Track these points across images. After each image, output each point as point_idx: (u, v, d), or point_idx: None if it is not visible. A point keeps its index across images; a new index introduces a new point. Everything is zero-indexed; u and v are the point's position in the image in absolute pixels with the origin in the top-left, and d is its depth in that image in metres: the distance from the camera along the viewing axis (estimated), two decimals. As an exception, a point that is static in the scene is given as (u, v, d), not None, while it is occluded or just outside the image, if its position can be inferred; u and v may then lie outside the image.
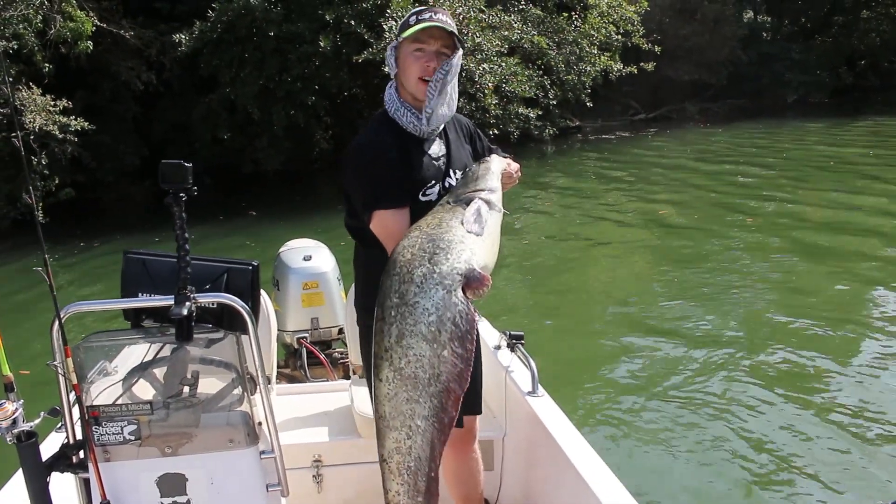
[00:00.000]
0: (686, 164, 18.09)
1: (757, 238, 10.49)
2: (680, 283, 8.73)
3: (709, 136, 22.88)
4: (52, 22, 13.07)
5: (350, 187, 2.50)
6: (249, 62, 15.28)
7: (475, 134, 2.72)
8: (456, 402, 2.03)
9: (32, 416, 2.18)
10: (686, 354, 6.50)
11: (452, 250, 2.07)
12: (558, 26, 19.21)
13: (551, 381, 3.39)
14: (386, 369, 2.05)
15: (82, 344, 2.24)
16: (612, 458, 4.54)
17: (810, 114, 26.10)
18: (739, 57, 29.01)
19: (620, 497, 2.45)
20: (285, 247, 4.75)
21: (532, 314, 7.89)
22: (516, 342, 3.38)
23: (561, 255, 10.47)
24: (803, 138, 21.07)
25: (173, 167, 2.24)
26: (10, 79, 12.54)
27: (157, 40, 15.41)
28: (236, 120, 16.02)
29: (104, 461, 2.24)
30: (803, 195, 13.23)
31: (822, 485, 4.44)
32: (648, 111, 27.39)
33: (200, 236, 12.27)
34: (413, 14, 2.45)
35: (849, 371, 5.97)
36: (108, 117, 14.24)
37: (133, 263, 2.34)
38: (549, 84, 18.45)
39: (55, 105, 13.20)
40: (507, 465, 3.31)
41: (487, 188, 2.31)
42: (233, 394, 2.34)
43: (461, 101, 16.86)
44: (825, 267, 8.98)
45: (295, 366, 4.50)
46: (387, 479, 2.17)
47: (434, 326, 2.00)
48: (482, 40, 16.33)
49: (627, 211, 13.04)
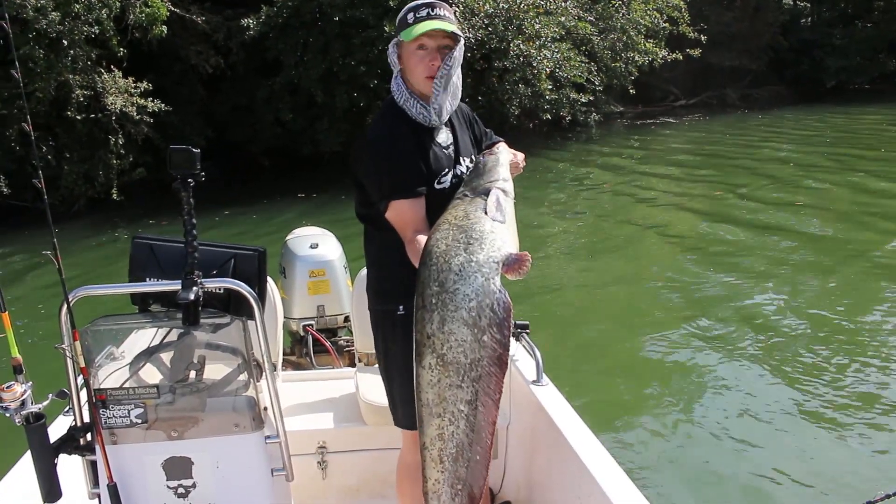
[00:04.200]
0: (731, 150, 17.31)
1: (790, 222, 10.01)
2: (693, 270, 8.33)
3: (762, 121, 22.06)
4: (131, 8, 13.10)
5: (365, 177, 2.37)
6: (314, 46, 15.14)
7: (474, 119, 2.61)
8: (498, 385, 1.95)
9: (41, 399, 2.08)
10: (694, 345, 6.19)
11: (486, 240, 2.00)
12: (606, 13, 18.71)
13: (556, 371, 3.22)
14: (428, 356, 1.95)
15: (90, 327, 2.13)
16: (615, 446, 4.39)
17: (852, 100, 25.04)
18: (780, 42, 28.00)
19: (623, 485, 2.34)
20: (292, 234, 4.58)
21: (538, 303, 7.49)
22: (521, 331, 3.23)
23: (575, 244, 9.98)
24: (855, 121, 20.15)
25: (181, 153, 2.11)
26: (88, 62, 12.76)
27: (224, 25, 15.36)
28: (298, 102, 15.89)
29: (111, 444, 2.14)
30: (852, 178, 12.64)
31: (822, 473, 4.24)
32: (688, 97, 26.62)
33: (271, 214, 12.34)
34: (410, 11, 2.28)
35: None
36: (176, 99, 14.24)
37: (141, 248, 2.23)
38: (596, 70, 18.00)
39: (136, 87, 13.28)
40: (511, 453, 3.17)
41: (501, 178, 2.23)
42: (239, 379, 2.23)
43: (519, 86, 16.67)
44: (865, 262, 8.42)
45: (301, 353, 4.34)
46: (427, 467, 2.03)
47: (475, 312, 1.92)
48: (541, 27, 16.00)
49: (652, 199, 12.52)
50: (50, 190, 12.88)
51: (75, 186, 13.05)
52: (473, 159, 2.43)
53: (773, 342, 6.11)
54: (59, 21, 11.83)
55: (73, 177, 12.95)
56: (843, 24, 29.75)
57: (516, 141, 11.93)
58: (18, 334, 2.06)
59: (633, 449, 4.59)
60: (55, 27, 11.81)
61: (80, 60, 12.49)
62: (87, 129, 12.99)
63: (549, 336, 6.10)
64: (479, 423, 1.97)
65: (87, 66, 12.74)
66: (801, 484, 4.14)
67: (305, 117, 16.02)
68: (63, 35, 12.02)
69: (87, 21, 12.31)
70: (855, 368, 5.53)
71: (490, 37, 15.67)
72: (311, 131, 16.20)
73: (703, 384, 5.45)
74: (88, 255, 10.50)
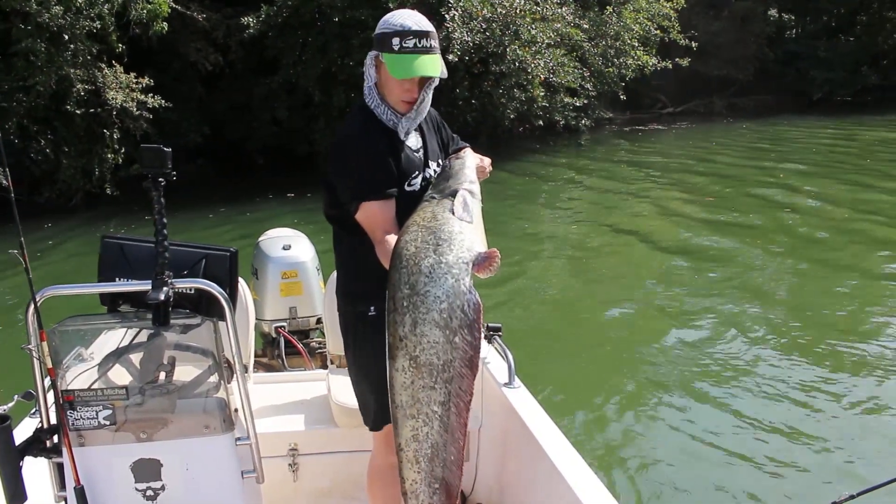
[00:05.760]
0: (716, 158, 17.21)
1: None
2: (668, 275, 8.25)
3: (749, 132, 22.01)
4: (133, 4, 12.94)
5: (336, 178, 2.30)
6: (312, 46, 14.97)
7: (441, 124, 2.55)
8: (469, 386, 1.94)
9: (6, 400, 2.00)
10: (669, 349, 6.13)
11: (455, 241, 1.99)
12: (600, 20, 18.62)
13: (528, 373, 3.16)
14: (401, 358, 1.93)
15: (57, 328, 2.05)
16: (587, 449, 4.34)
17: (834, 112, 25.03)
18: (766, 54, 27.97)
19: (594, 488, 2.29)
20: (264, 236, 4.46)
21: (510, 306, 7.35)
22: (494, 334, 3.16)
23: (550, 248, 9.81)
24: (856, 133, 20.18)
25: (152, 152, 2.05)
26: (89, 57, 12.60)
27: (224, 23, 15.20)
28: (295, 102, 15.73)
29: (78, 446, 2.06)
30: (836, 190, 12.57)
31: (789, 474, 4.20)
32: (676, 105, 26.51)
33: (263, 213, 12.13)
34: (396, 35, 2.17)
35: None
36: (174, 96, 14.03)
37: (111, 248, 2.15)
38: (587, 76, 17.91)
39: (138, 83, 13.13)
40: (482, 455, 3.09)
41: (468, 180, 2.20)
42: (209, 380, 2.16)
43: (514, 91, 16.50)
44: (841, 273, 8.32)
45: (272, 355, 4.22)
46: (404, 468, 2.00)
47: (446, 314, 1.91)
48: (537, 32, 15.89)
49: (634, 207, 12.33)
50: (48, 184, 12.82)
51: (73, 180, 12.88)
52: (440, 163, 2.39)
53: (747, 348, 6.05)
54: (61, 15, 11.68)
55: (70, 171, 12.76)
56: (826, 37, 29.73)
57: (508, 146, 11.97)
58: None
59: (605, 451, 4.54)
60: (57, 21, 11.66)
61: (80, 55, 12.33)
62: (85, 123, 12.81)
63: (522, 338, 5.99)
64: (453, 423, 1.96)
65: (87, 60, 12.57)
66: (767, 486, 4.11)
67: (302, 116, 15.87)
68: (64, 29, 11.86)
69: (89, 16, 12.16)
70: (822, 374, 5.50)
71: (487, 41, 15.57)
72: (307, 130, 16.03)
73: (677, 388, 5.39)
74: (84, 249, 10.35)
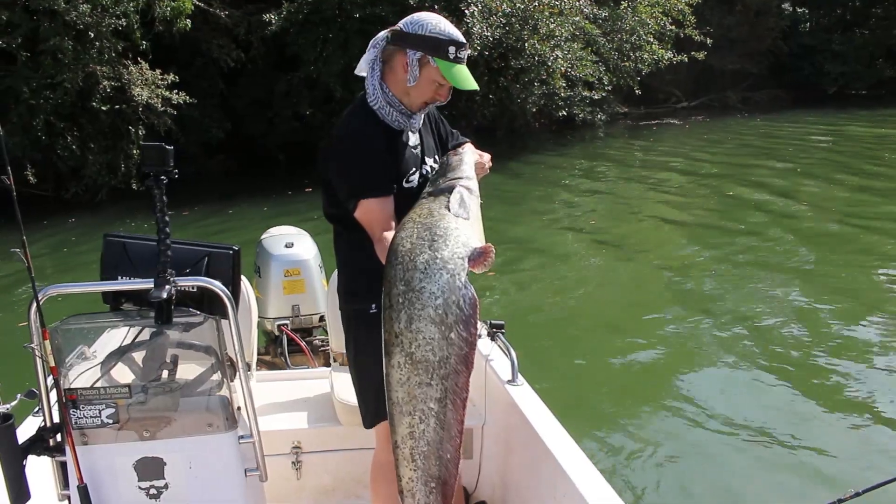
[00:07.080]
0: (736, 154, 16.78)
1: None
2: (678, 273, 8.06)
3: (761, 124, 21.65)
4: (157, 1, 12.93)
5: (334, 176, 2.24)
6: (333, 42, 14.86)
7: (440, 120, 2.49)
8: (465, 382, 1.92)
9: (9, 399, 1.95)
10: (672, 346, 6.01)
11: (450, 237, 1.95)
12: (616, 14, 18.40)
13: (531, 371, 3.07)
14: (397, 355, 1.90)
15: (60, 326, 2.00)
16: (590, 446, 4.26)
17: (850, 105, 24.57)
18: (781, 47, 27.53)
19: (598, 485, 2.23)
20: (267, 234, 4.40)
21: (514, 303, 7.25)
22: (497, 331, 3.10)
23: (553, 245, 9.61)
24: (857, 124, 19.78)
25: (154, 150, 1.98)
26: (114, 54, 12.61)
27: (245, 20, 15.16)
28: (316, 97, 15.64)
29: (81, 444, 2.01)
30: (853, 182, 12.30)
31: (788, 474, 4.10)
32: (690, 99, 26.16)
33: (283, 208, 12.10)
34: (452, 43, 2.16)
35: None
36: (196, 92, 14.00)
37: (113, 246, 2.10)
38: (604, 70, 17.72)
39: (163, 79, 13.11)
40: (486, 453, 3.03)
41: (465, 176, 2.15)
42: (212, 378, 2.10)
43: (534, 85, 16.35)
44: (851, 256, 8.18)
45: (275, 353, 4.17)
46: (400, 466, 1.96)
47: (441, 309, 1.87)
48: (555, 26, 15.73)
49: (631, 204, 12.06)
50: (73, 179, 12.84)
51: (98, 176, 12.88)
52: (437, 159, 2.33)
53: (751, 343, 5.93)
54: (88, 13, 11.69)
55: (96, 167, 12.76)
56: (841, 31, 29.20)
57: (526, 139, 11.78)
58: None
59: (609, 448, 4.45)
60: (84, 18, 11.67)
61: (105, 52, 12.34)
62: (110, 119, 12.83)
63: (526, 336, 5.90)
64: (449, 420, 1.92)
65: (113, 57, 12.58)
66: (772, 482, 4.02)
67: (324, 112, 15.78)
68: (90, 27, 11.88)
69: (115, 13, 12.15)
70: (829, 372, 5.38)
71: (507, 36, 15.43)
72: (329, 126, 15.93)
73: (680, 385, 5.29)
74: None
